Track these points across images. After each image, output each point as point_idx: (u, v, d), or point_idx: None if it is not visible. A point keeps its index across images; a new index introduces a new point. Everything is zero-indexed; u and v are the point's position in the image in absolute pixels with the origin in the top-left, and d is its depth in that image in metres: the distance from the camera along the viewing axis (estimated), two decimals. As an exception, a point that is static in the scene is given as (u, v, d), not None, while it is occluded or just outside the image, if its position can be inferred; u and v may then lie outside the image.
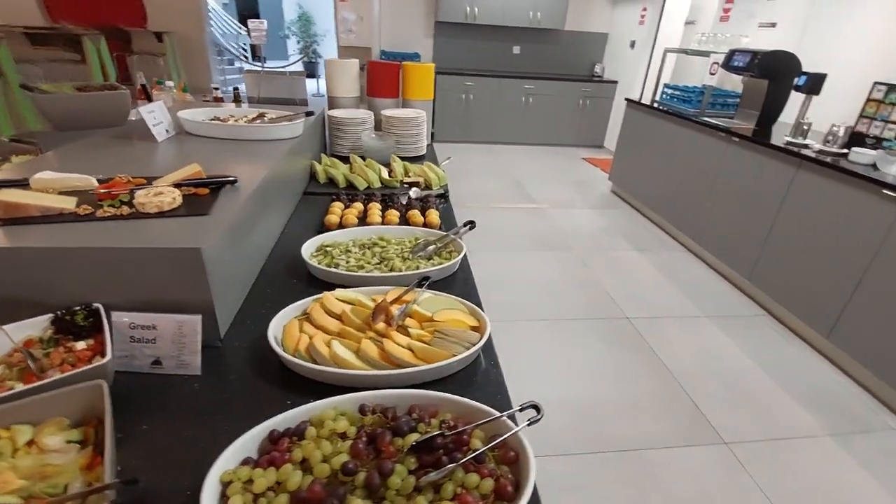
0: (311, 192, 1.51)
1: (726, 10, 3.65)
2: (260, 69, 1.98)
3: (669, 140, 3.40)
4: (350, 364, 0.68)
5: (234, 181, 0.98)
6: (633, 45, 5.25)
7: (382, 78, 2.02)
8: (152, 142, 1.26)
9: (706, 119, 3.08)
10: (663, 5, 4.75)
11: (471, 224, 1.19)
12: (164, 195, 0.84)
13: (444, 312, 0.81)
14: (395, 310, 0.79)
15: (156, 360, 0.73)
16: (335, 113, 1.86)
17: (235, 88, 1.91)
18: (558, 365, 1.96)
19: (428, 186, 1.60)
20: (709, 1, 4.02)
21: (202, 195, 0.91)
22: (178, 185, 0.91)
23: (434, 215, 1.29)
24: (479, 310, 0.83)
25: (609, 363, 1.99)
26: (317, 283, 0.97)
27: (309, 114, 1.45)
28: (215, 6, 9.95)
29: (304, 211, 1.36)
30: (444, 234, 1.14)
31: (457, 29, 5.49)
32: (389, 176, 1.65)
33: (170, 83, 1.85)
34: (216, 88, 1.96)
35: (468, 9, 5.12)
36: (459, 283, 1.03)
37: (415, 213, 1.29)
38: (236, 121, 1.43)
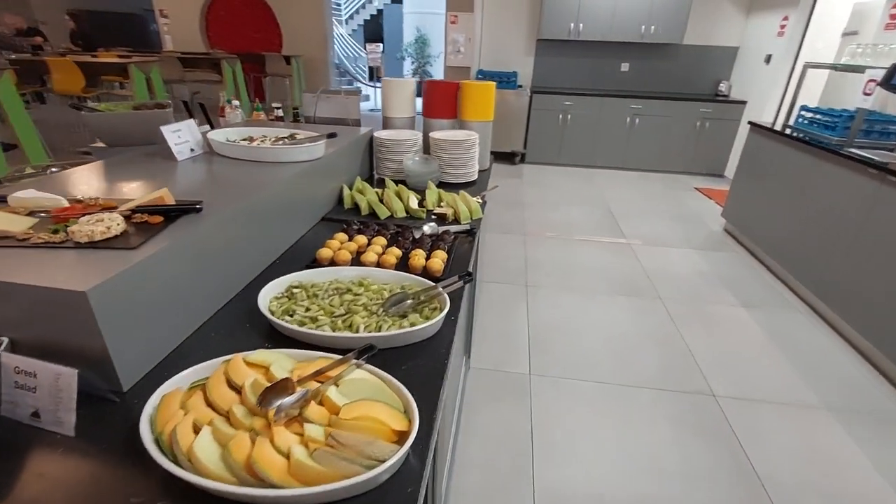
0: (330, 218, 1.41)
1: (893, 17, 2.90)
2: (316, 92, 1.97)
3: (802, 173, 2.77)
4: (205, 470, 0.52)
5: (199, 208, 0.91)
6: (768, 59, 4.50)
7: (438, 98, 1.89)
8: (173, 161, 1.26)
9: (854, 151, 2.43)
10: (811, 12, 3.99)
11: (467, 276, 0.98)
12: (102, 223, 0.77)
13: (360, 405, 0.61)
14: (293, 395, 0.61)
15: (35, 412, 0.65)
16: (381, 134, 1.77)
17: (295, 108, 1.93)
18: (606, 445, 1.60)
19: (456, 220, 1.41)
20: (874, 6, 3.26)
21: (154, 223, 0.84)
22: (134, 212, 0.85)
23: (439, 259, 1.10)
24: (412, 404, 0.62)
25: (676, 452, 1.58)
26: (276, 333, 0.84)
27: (331, 135, 1.36)
28: (342, 32, 10.88)
29: (312, 239, 1.26)
30: (431, 285, 0.94)
31: (559, 46, 5.22)
32: (420, 206, 1.50)
33: (236, 102, 1.93)
34: (277, 108, 2.00)
35: (572, 25, 4.84)
36: (431, 354, 0.82)
37: (417, 254, 1.11)
38: (262, 142, 1.39)
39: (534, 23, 5.15)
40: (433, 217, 1.44)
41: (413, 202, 1.45)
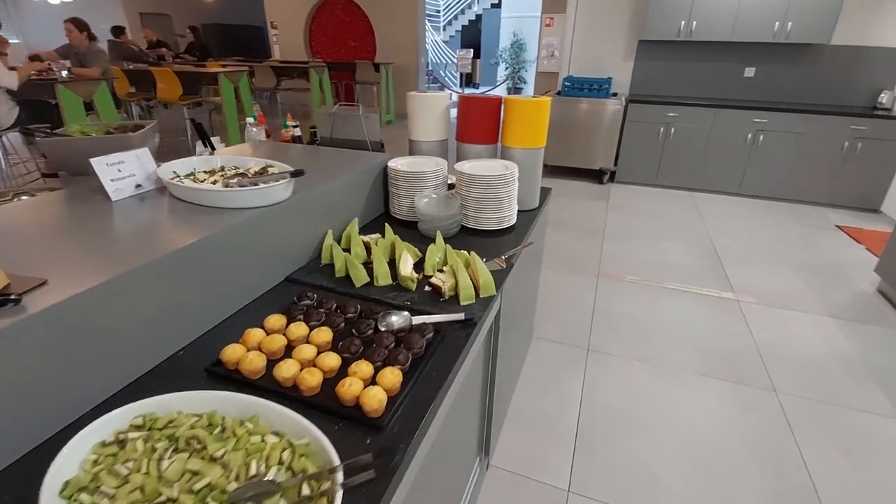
0: (295, 279, 1.08)
1: None
2: (333, 108, 1.65)
3: None
4: None
5: (17, 300, 0.61)
6: (962, 62, 3.38)
7: (474, 117, 1.48)
8: (107, 202, 1.02)
9: None
10: None
11: (369, 479, 0.57)
12: None
13: None
14: None
15: None
16: (394, 163, 1.41)
17: (312, 127, 1.65)
18: None
19: (455, 299, 1.00)
20: None
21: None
22: None
23: (387, 384, 0.70)
24: None
25: None
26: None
27: (297, 173, 1.02)
28: (437, 39, 10.82)
29: (248, 317, 0.93)
30: (299, 478, 0.55)
31: (665, 48, 4.48)
32: (417, 269, 1.12)
33: (250, 119, 1.70)
34: (294, 126, 1.74)
35: (683, 23, 4.09)
36: None
37: (355, 373, 0.72)
38: (220, 177, 1.10)
39: (636, 22, 4.47)
40: (428, 288, 1.04)
41: (406, 264, 1.07)
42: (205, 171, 1.15)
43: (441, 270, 1.09)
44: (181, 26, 12.67)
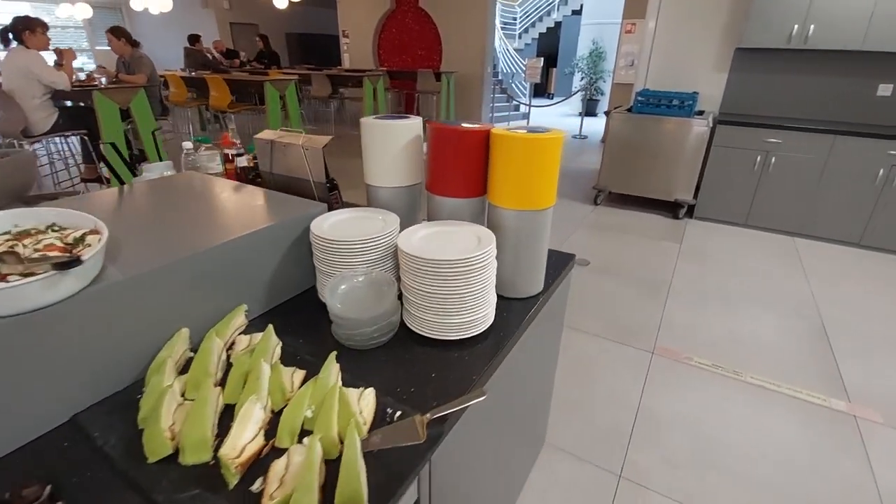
0: (82, 423, 0.67)
1: None
2: (275, 133, 1.23)
3: None
4: None
5: None
6: None
7: (448, 158, 1.00)
8: None
9: None
10: None
11: None
12: None
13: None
14: None
15: None
16: (320, 223, 0.97)
17: (255, 157, 1.26)
18: None
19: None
20: None
21: None
22: None
23: None
24: None
25: None
26: None
27: (68, 264, 0.61)
28: (508, 47, 10.33)
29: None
30: None
31: (769, 58, 3.65)
32: (257, 440, 0.67)
33: (188, 145, 1.35)
34: (239, 154, 1.36)
35: (796, 28, 3.27)
36: None
37: None
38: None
39: (733, 26, 3.69)
40: (255, 488, 0.58)
41: (244, 426, 0.62)
42: (8, 234, 0.77)
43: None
44: (269, 35, 13.34)
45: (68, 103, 3.68)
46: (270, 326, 0.83)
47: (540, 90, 14.14)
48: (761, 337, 2.23)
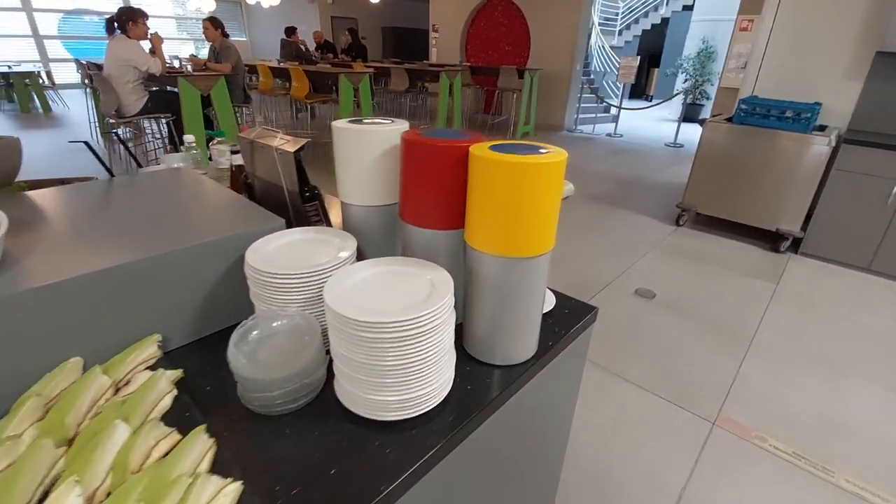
0: None
1: None
2: (254, 132, 1.08)
3: None
4: None
5: None
6: None
7: (421, 180, 0.78)
8: None
9: None
10: None
11: None
12: None
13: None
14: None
15: None
16: (258, 248, 0.80)
17: (235, 148, 1.13)
18: None
19: None
20: None
21: None
22: None
23: None
24: None
25: None
26: None
27: None
28: (604, 44, 9.64)
29: None
30: None
31: (930, 65, 2.91)
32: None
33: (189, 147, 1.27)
34: (235, 150, 1.24)
35: (972, 25, 2.54)
36: None
37: None
38: None
39: (872, 23, 3.00)
40: None
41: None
42: None
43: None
44: (367, 29, 13.81)
45: (154, 88, 3.96)
46: (161, 370, 0.68)
47: (638, 91, 13.14)
48: (869, 425, 1.73)
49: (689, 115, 8.43)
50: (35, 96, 8.32)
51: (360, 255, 0.92)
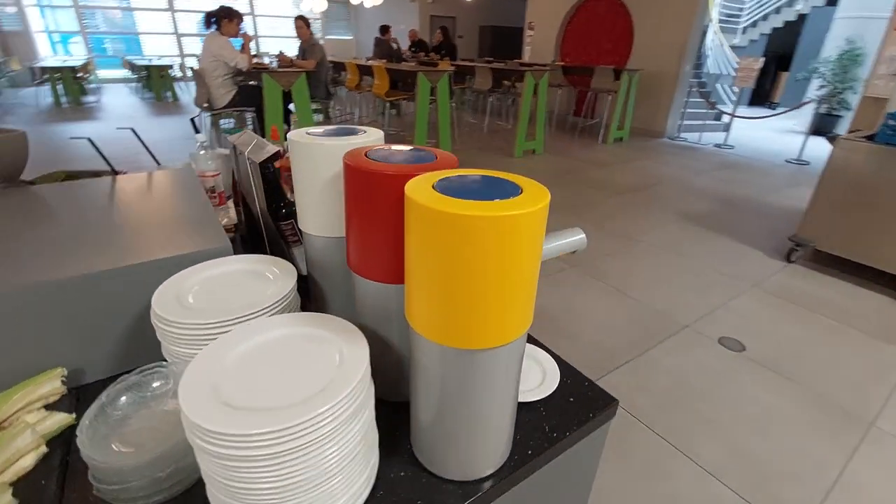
0: None
1: None
2: (240, 135, 0.96)
3: None
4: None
5: None
6: None
7: (363, 218, 0.58)
8: None
9: None
10: None
11: None
12: None
13: None
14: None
15: None
16: (177, 283, 0.66)
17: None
18: None
19: None
20: None
21: None
22: None
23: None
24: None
25: None
26: None
27: None
28: (723, 44, 8.59)
29: None
30: None
31: None
32: None
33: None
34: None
35: None
36: None
37: None
38: None
39: None
40: None
41: None
42: None
43: None
44: (465, 28, 13.80)
45: (251, 83, 4.16)
46: (25, 423, 0.57)
47: (760, 97, 11.59)
48: None
49: (822, 127, 7.19)
50: (167, 86, 9.41)
51: (320, 296, 0.76)
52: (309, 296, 0.79)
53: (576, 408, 0.70)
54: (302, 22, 4.36)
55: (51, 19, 11.28)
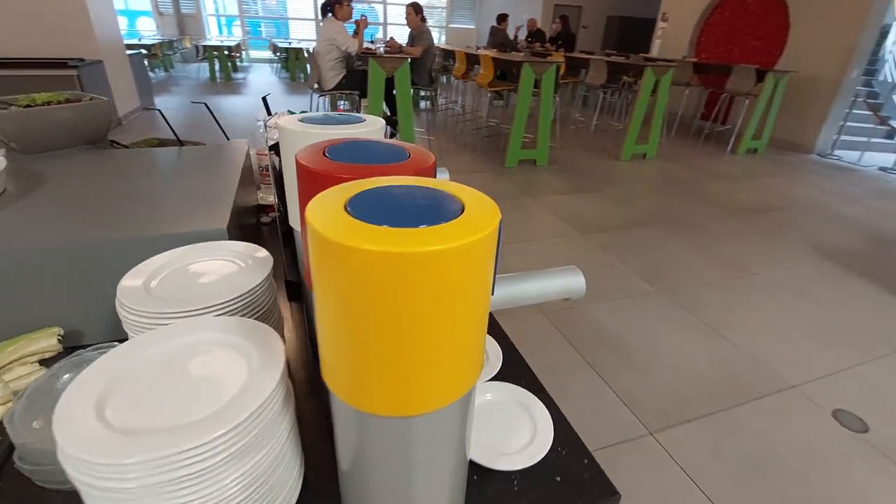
0: None
1: None
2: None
3: None
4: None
5: None
6: None
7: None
8: None
9: None
10: None
11: None
12: None
13: None
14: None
15: None
16: (150, 267, 0.64)
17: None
18: None
19: None
20: None
21: None
22: None
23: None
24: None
25: None
26: None
27: None
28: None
29: None
30: None
31: None
32: None
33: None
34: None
35: None
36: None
37: None
38: None
39: None
40: None
41: None
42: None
43: None
44: (591, 18, 13.05)
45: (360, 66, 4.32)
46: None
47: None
48: None
49: None
50: (301, 68, 10.26)
51: (309, 303, 0.70)
52: (301, 300, 0.74)
53: (562, 492, 0.55)
54: (411, 9, 4.41)
55: (220, 3, 12.93)
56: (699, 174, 4.75)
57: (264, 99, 1.51)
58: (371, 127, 0.62)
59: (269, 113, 1.52)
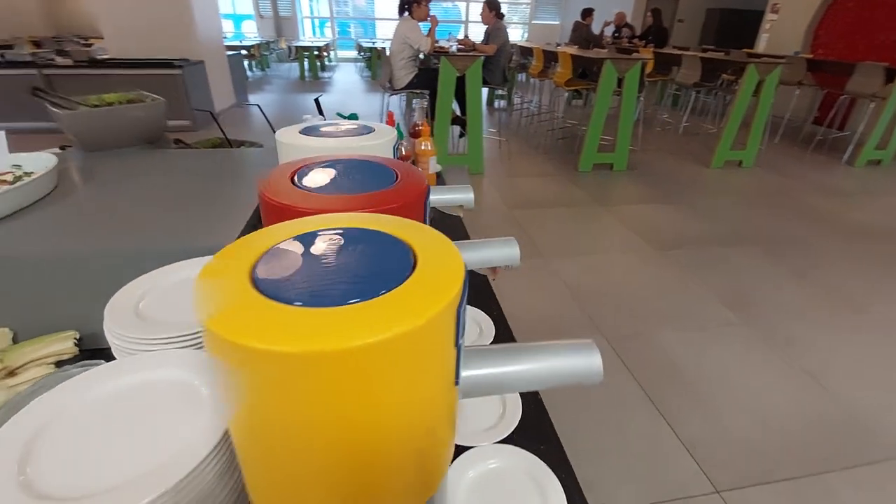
0: None
1: None
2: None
3: None
4: None
5: None
6: None
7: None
8: None
9: None
10: None
11: None
12: None
13: None
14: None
15: None
16: (140, 286, 0.62)
17: None
18: None
19: None
20: None
21: None
22: None
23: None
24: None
25: None
26: None
27: None
28: None
29: None
30: None
31: None
32: None
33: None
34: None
35: None
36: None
37: None
38: None
39: None
40: None
41: None
42: None
43: None
44: (688, 11, 12.06)
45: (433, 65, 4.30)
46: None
47: None
48: None
49: None
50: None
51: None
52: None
53: None
54: (486, 6, 4.30)
55: (315, 6, 13.70)
56: (805, 187, 4.17)
57: (317, 100, 1.49)
58: (378, 140, 0.55)
59: (321, 114, 1.50)
